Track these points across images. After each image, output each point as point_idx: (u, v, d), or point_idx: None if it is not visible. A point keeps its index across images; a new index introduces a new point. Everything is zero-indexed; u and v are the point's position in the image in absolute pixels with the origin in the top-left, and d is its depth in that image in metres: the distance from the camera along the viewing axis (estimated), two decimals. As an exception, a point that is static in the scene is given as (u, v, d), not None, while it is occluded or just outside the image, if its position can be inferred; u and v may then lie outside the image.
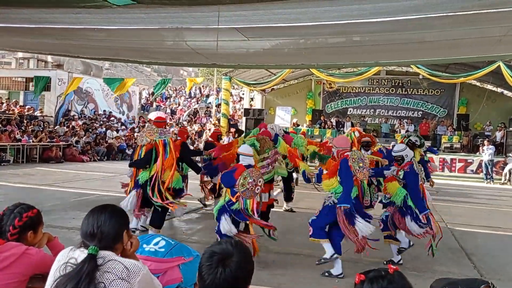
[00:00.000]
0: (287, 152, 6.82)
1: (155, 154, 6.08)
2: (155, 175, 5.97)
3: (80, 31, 6.98)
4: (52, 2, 5.27)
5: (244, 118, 22.21)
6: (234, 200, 5.06)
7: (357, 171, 4.96)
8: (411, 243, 5.70)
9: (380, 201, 6.59)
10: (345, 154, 5.11)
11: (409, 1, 4.79)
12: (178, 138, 7.34)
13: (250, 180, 4.97)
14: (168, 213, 6.51)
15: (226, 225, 5.01)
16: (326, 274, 4.97)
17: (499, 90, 21.68)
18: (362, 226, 4.84)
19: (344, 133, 12.71)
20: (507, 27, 5.58)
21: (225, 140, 20.30)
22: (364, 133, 9.33)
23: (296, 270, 5.10)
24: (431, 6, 4.86)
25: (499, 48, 6.89)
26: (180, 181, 6.49)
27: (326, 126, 20.67)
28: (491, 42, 6.49)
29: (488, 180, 17.04)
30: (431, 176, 8.46)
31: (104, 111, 25.79)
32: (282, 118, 21.35)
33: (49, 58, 25.24)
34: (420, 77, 20.76)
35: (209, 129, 22.69)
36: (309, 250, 5.72)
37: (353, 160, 4.99)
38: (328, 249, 5.01)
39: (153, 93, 30.44)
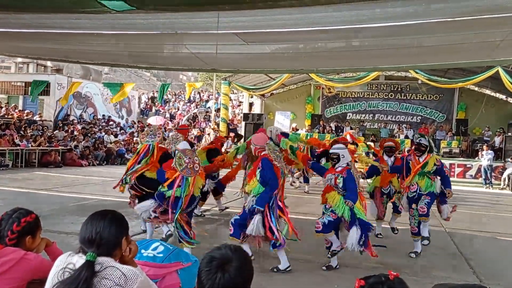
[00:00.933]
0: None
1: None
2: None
3: (80, 36, 7.00)
4: (52, 7, 5.28)
5: (243, 123, 22.24)
6: (165, 187, 5.30)
7: (277, 161, 5.09)
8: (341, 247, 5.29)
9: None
10: (263, 153, 5.19)
11: (408, 7, 4.80)
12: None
13: (185, 159, 5.19)
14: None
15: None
16: (275, 270, 5.06)
17: (498, 95, 21.76)
18: (252, 227, 4.95)
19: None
20: (506, 32, 5.60)
21: (223, 144, 20.33)
22: (354, 136, 9.62)
23: (295, 275, 5.09)
24: (430, 11, 4.88)
25: (497, 53, 6.91)
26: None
27: (325, 131, 20.68)
28: (489, 47, 6.51)
29: (487, 185, 17.05)
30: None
31: (103, 115, 25.80)
32: (281, 122, 21.38)
33: (49, 63, 25.26)
34: (419, 82, 20.84)
35: (208, 134, 22.70)
36: (308, 256, 5.72)
37: (270, 150, 5.19)
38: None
39: (152, 98, 30.50)
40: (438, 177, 6.24)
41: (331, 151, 5.47)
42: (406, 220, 6.62)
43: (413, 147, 6.91)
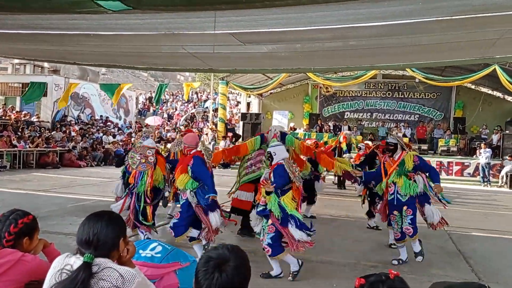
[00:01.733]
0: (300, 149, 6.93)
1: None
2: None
3: (77, 37, 6.98)
4: (48, 8, 5.27)
5: (241, 123, 22.24)
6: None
7: (207, 157, 5.45)
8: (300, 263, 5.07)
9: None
10: (192, 151, 5.43)
11: (405, 6, 4.81)
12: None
13: (137, 156, 5.75)
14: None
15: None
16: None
17: (495, 93, 21.81)
18: (213, 218, 5.22)
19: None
20: (502, 31, 5.61)
21: (221, 144, 20.35)
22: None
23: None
24: (426, 10, 4.88)
25: (494, 51, 6.93)
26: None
27: (324, 130, 20.69)
28: (486, 45, 6.53)
29: (485, 183, 17.09)
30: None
31: (101, 116, 25.76)
32: (279, 122, 21.39)
33: (46, 64, 25.23)
34: (416, 80, 20.87)
35: (206, 134, 22.69)
36: (307, 255, 5.72)
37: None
38: (197, 250, 5.37)
39: (150, 99, 30.45)
40: (421, 175, 5.81)
41: (267, 149, 5.56)
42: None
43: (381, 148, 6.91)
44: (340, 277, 5.05)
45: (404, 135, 20.16)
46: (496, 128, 19.43)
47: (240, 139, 20.41)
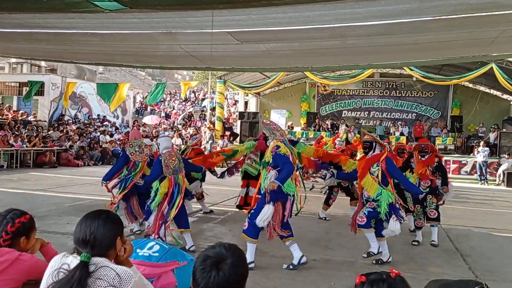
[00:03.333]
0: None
1: None
2: None
3: (74, 36, 6.98)
4: (45, 7, 5.26)
5: (239, 122, 22.23)
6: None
7: (132, 154, 6.22)
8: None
9: None
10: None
11: (402, 4, 4.82)
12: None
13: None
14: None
15: None
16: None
17: (492, 91, 21.86)
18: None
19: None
20: (500, 30, 5.63)
21: (219, 143, 20.33)
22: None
23: (291, 273, 5.09)
24: (424, 9, 4.90)
25: (492, 49, 6.96)
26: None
27: (321, 129, 20.70)
28: (484, 43, 6.55)
29: (483, 181, 17.13)
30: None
31: (98, 115, 25.71)
32: (277, 121, 21.37)
33: (43, 63, 25.13)
34: (414, 79, 20.90)
35: (204, 132, 22.68)
36: (305, 253, 5.72)
37: (130, 146, 6.32)
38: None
39: (145, 98, 30.35)
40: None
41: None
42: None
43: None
44: (338, 275, 5.06)
45: (402, 134, 20.20)
46: (493, 126, 19.48)
47: (238, 138, 20.41)
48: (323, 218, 8.25)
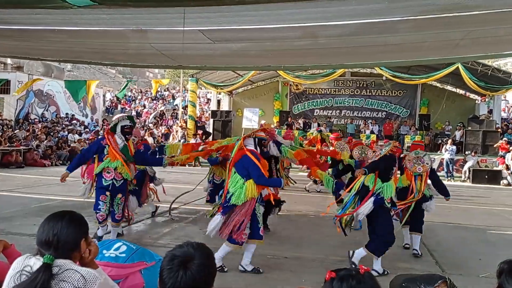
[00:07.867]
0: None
1: None
2: None
3: (40, 33, 6.77)
4: (11, 3, 5.08)
5: (211, 120, 22.12)
6: None
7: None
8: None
9: None
10: None
11: (372, 4, 4.89)
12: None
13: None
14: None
15: None
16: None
17: (458, 90, 22.51)
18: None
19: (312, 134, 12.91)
20: (465, 32, 5.79)
21: (192, 142, 20.16)
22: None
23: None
24: (392, 9, 4.98)
25: (457, 51, 7.15)
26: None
27: (294, 127, 20.84)
28: (450, 45, 6.72)
29: (449, 178, 17.66)
30: None
31: (67, 114, 25.09)
32: (250, 119, 21.36)
33: (9, 60, 24.33)
34: (384, 78, 21.29)
35: (176, 131, 22.45)
36: (276, 251, 5.76)
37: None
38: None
39: (117, 97, 29.83)
40: None
41: None
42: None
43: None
44: (310, 272, 5.10)
45: (372, 132, 20.56)
46: (459, 124, 20.10)
47: (210, 137, 20.30)
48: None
